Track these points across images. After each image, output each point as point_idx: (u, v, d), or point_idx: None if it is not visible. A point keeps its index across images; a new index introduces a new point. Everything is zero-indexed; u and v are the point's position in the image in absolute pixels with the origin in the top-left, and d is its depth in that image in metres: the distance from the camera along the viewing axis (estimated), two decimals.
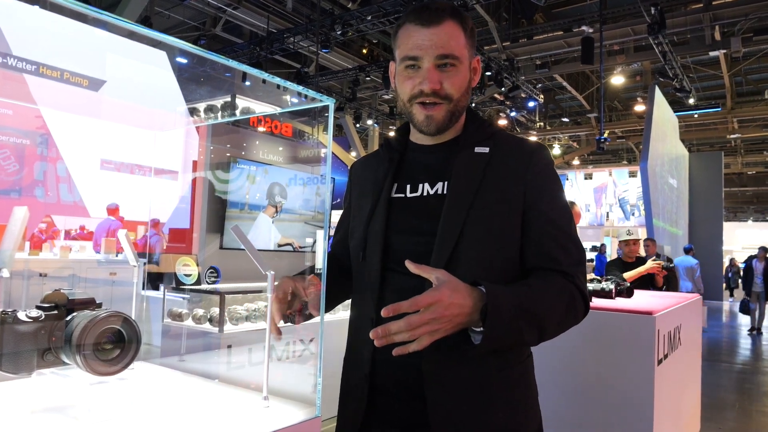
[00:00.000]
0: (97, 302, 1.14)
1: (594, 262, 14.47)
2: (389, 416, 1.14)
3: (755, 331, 10.70)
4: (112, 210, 6.42)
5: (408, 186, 1.20)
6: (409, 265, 0.99)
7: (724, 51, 11.78)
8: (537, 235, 1.13)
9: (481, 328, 0.98)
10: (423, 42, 1.12)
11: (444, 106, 1.15)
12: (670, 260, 5.09)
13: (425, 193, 1.17)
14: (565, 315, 1.10)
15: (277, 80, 1.20)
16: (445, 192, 1.15)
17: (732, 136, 18.32)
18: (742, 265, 13.88)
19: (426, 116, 1.15)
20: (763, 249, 11.15)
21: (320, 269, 1.10)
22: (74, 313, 1.05)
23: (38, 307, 1.04)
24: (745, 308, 11.04)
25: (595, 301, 3.39)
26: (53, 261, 5.90)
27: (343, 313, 4.28)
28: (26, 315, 1.01)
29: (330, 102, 1.06)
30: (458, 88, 1.15)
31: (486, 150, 1.17)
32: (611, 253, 14.49)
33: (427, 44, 1.12)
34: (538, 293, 1.07)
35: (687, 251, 11.39)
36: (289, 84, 1.23)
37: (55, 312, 1.05)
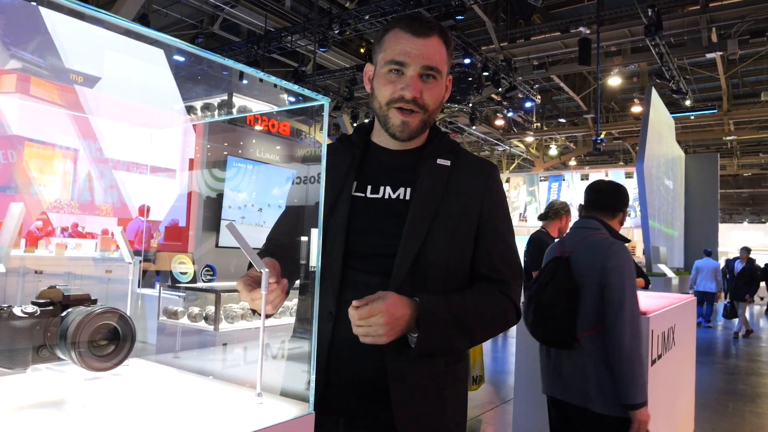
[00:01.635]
0: (93, 299, 1.15)
1: None
2: (342, 407, 1.19)
3: (749, 332, 10.67)
4: (143, 210, 6.44)
5: (369, 186, 1.24)
6: (355, 303, 1.08)
7: (721, 53, 11.82)
8: (488, 248, 1.25)
9: (416, 335, 1.11)
10: (411, 50, 1.17)
11: (419, 115, 1.20)
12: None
13: (387, 196, 1.22)
14: (494, 325, 1.24)
15: (273, 79, 1.20)
16: (407, 198, 1.21)
17: (728, 138, 18.38)
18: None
19: (402, 122, 1.20)
20: (745, 249, 11.15)
21: (314, 267, 1.11)
22: (69, 309, 1.06)
23: (33, 303, 1.05)
24: (731, 313, 10.93)
25: None
26: (49, 258, 5.89)
27: None
28: (21, 310, 1.02)
29: (325, 101, 1.07)
30: (434, 101, 1.21)
31: (448, 163, 1.25)
32: None
33: (415, 53, 1.16)
34: (472, 305, 1.19)
35: (707, 254, 11.86)
36: (284, 83, 1.24)
37: (51, 308, 1.05)
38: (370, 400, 1.17)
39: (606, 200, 2.45)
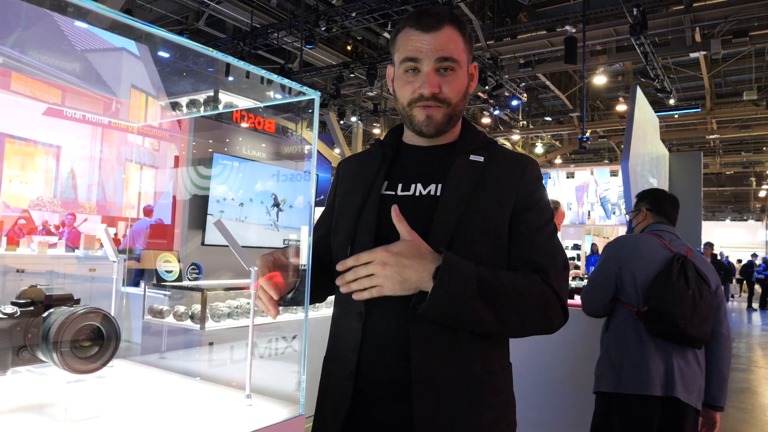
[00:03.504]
0: (75, 298, 1.12)
1: (578, 260, 14.78)
2: (371, 419, 1.12)
3: None
4: (149, 211, 6.39)
5: (399, 185, 1.21)
6: (394, 211, 1.03)
7: (704, 52, 11.93)
8: (524, 241, 1.15)
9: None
10: (423, 46, 1.13)
11: (442, 109, 1.16)
12: None
13: (417, 193, 1.18)
14: (532, 310, 1.09)
15: (262, 72, 1.18)
16: (438, 193, 1.16)
17: (711, 136, 18.58)
18: None
19: (427, 116, 1.16)
20: (708, 245, 11.06)
21: (305, 265, 1.08)
22: (51, 310, 1.02)
23: (13, 303, 1.01)
24: None
25: (577, 299, 3.42)
26: (31, 257, 5.79)
27: (325, 310, 4.26)
28: (0, 311, 0.98)
29: (315, 95, 1.05)
30: (456, 93, 1.17)
31: (481, 159, 1.19)
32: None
33: (426, 48, 1.13)
34: (507, 278, 1.07)
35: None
36: (274, 77, 1.22)
37: (31, 308, 1.02)
38: (400, 409, 1.08)
39: (675, 216, 2.60)
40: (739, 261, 20.79)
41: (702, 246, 11.75)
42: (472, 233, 1.11)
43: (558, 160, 22.04)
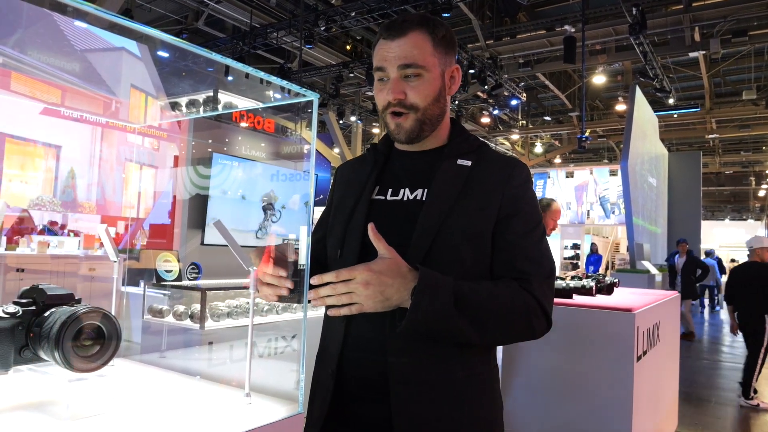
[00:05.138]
0: (77, 298, 1.12)
1: (580, 259, 14.86)
2: (354, 416, 1.14)
3: (689, 335, 9.62)
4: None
5: (389, 190, 1.23)
6: (370, 229, 1.04)
7: (704, 52, 11.94)
8: (510, 248, 1.15)
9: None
10: (388, 54, 1.16)
11: (411, 115, 1.18)
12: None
13: (405, 198, 1.20)
14: (514, 321, 1.09)
15: (261, 74, 1.19)
16: (424, 198, 1.18)
17: (710, 136, 18.60)
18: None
19: (396, 125, 1.19)
20: (684, 240, 10.64)
21: (303, 265, 1.09)
22: (52, 309, 1.03)
23: (15, 303, 1.02)
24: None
25: (576, 298, 3.44)
26: (31, 256, 5.79)
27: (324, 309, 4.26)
28: (2, 310, 0.99)
29: (314, 97, 1.06)
30: (423, 98, 1.17)
31: (468, 163, 1.20)
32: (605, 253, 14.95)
33: (391, 56, 1.16)
34: (486, 291, 1.08)
35: (708, 254, 12.88)
36: (273, 78, 1.23)
37: (33, 307, 1.03)
38: (379, 409, 1.09)
39: None
40: (732, 261, 20.77)
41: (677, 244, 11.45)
42: (454, 238, 1.12)
43: (557, 160, 22.06)
